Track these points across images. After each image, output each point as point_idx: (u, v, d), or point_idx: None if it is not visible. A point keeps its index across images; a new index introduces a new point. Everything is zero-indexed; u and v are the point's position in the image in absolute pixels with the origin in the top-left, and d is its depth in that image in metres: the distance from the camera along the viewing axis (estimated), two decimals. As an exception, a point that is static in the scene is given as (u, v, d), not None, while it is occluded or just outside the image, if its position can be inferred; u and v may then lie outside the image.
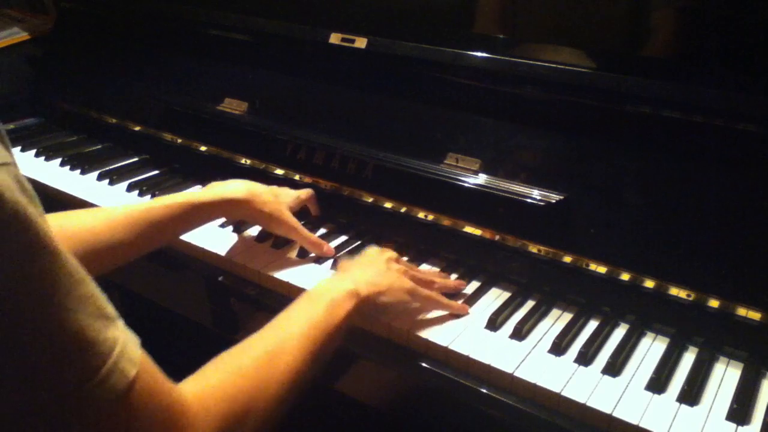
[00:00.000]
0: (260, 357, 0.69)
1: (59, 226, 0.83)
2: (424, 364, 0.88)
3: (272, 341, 0.72)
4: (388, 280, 0.89)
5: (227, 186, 1.03)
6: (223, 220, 1.16)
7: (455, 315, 0.93)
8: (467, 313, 0.94)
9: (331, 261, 1.06)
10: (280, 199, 1.06)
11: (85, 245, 0.84)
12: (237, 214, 1.05)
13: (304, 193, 1.13)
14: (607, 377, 0.83)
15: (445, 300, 0.93)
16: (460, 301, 0.95)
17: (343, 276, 0.88)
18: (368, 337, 0.92)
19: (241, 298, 1.04)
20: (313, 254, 1.06)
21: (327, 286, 0.84)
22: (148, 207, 0.94)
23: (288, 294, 1.00)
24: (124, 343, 0.50)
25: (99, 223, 0.88)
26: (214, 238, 1.11)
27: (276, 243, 1.09)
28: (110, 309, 0.51)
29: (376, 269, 0.90)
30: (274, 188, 1.08)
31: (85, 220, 0.88)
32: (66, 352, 0.46)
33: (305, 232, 1.05)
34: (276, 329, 0.74)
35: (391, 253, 0.95)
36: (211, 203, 1.00)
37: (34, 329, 0.45)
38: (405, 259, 1.02)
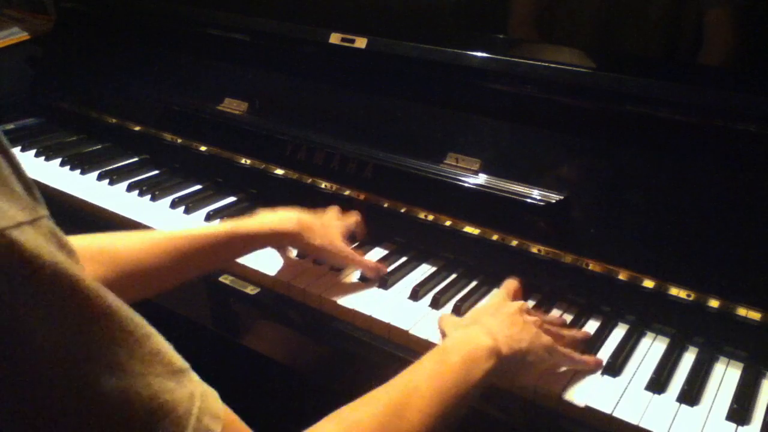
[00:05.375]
0: (383, 411, 0.61)
1: (101, 246, 0.81)
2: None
3: (397, 395, 0.64)
4: (529, 335, 0.78)
5: (277, 216, 0.98)
6: (218, 220, 1.16)
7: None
8: (601, 368, 0.84)
9: (359, 272, 1.03)
10: (331, 229, 1.01)
11: (128, 268, 0.81)
12: (285, 244, 1.01)
13: (353, 220, 1.08)
14: (607, 377, 0.83)
15: (578, 356, 0.83)
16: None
17: (479, 328, 0.76)
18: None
19: (240, 298, 1.04)
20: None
21: (462, 339, 0.74)
22: (194, 235, 0.90)
23: (288, 293, 1.00)
24: (203, 398, 0.45)
25: (143, 246, 0.84)
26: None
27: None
28: (179, 360, 0.45)
29: (511, 321, 0.79)
30: (324, 217, 1.04)
31: (128, 242, 0.85)
32: (141, 425, 0.41)
33: (360, 258, 1.01)
34: (402, 383, 0.66)
35: (521, 302, 0.85)
36: (260, 234, 0.95)
37: (99, 404, 0.40)
38: (531, 304, 0.94)
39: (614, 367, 0.84)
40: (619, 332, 0.92)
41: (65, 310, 0.39)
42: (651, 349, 0.89)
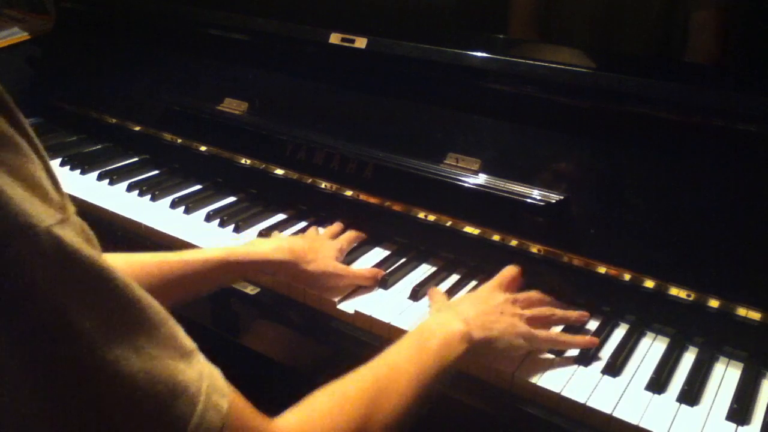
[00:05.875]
0: (370, 388, 0.66)
1: None
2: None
3: (381, 373, 0.69)
4: (502, 325, 0.82)
5: (270, 245, 0.97)
6: (218, 220, 1.16)
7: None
8: (595, 345, 0.87)
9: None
10: (323, 253, 1.00)
11: None
12: (278, 274, 0.99)
13: (346, 241, 1.08)
14: (607, 377, 0.83)
15: (564, 338, 0.87)
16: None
17: (454, 315, 0.81)
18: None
19: (240, 298, 1.04)
20: None
21: (438, 324, 0.79)
22: (185, 260, 0.89)
23: (288, 293, 1.00)
24: (210, 377, 0.49)
25: (132, 270, 0.83)
26: (214, 238, 1.11)
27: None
28: (189, 342, 0.49)
29: (488, 310, 0.84)
30: (315, 243, 1.02)
31: (116, 264, 0.85)
32: (159, 403, 0.45)
33: (356, 272, 1.00)
34: (384, 363, 0.71)
35: (506, 295, 0.89)
36: (252, 263, 0.94)
37: (125, 384, 0.43)
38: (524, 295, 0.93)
39: (614, 367, 0.84)
40: (619, 332, 0.92)
41: (100, 299, 0.43)
42: (651, 349, 0.89)
